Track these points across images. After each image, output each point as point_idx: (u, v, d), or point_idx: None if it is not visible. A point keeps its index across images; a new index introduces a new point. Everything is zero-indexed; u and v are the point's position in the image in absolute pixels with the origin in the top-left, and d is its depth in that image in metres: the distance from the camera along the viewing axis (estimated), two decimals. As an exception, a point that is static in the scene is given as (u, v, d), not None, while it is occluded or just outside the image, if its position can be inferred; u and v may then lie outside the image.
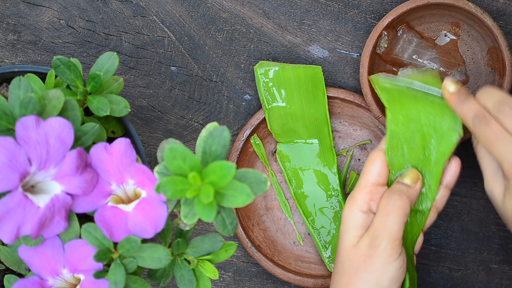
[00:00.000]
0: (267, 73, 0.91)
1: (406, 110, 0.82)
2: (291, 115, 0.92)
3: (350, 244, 0.81)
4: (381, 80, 0.84)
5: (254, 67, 0.92)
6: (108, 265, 0.68)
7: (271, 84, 0.91)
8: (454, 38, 0.92)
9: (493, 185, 0.80)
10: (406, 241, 0.83)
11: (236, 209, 0.92)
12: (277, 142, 0.93)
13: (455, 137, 0.82)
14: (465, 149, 0.94)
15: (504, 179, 0.79)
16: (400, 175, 0.83)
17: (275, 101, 0.91)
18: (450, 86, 0.81)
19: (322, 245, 0.93)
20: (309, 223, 0.93)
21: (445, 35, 0.92)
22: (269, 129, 0.92)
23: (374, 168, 0.82)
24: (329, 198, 0.93)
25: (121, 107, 0.75)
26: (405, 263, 0.80)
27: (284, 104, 0.91)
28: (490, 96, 0.78)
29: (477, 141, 0.81)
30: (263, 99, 0.91)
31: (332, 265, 0.92)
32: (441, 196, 0.84)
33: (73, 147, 0.67)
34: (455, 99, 0.80)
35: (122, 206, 0.69)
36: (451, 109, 0.81)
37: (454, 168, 0.84)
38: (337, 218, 0.93)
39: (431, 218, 0.84)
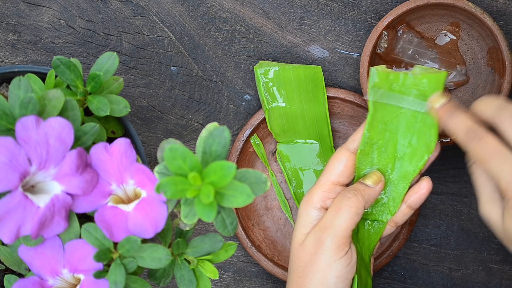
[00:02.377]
0: (267, 73, 0.91)
1: (387, 118, 0.80)
2: (291, 115, 0.92)
3: (298, 242, 0.80)
4: (376, 80, 0.81)
5: (254, 67, 0.92)
6: (108, 265, 0.68)
7: (271, 84, 0.91)
8: (454, 38, 0.92)
9: (491, 207, 0.74)
10: (362, 247, 0.82)
11: (236, 209, 0.92)
12: (277, 142, 0.93)
13: (426, 157, 0.80)
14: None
15: (501, 199, 0.73)
16: (363, 176, 0.81)
17: (275, 101, 0.91)
18: (437, 100, 0.78)
19: None
20: None
21: (445, 35, 0.92)
22: (269, 129, 0.92)
23: (337, 166, 0.80)
24: None
25: (121, 107, 0.75)
26: (354, 261, 0.78)
27: (284, 104, 0.91)
28: (489, 104, 0.74)
29: (471, 160, 0.76)
30: (263, 99, 0.91)
31: None
32: (402, 213, 0.82)
33: (73, 147, 0.67)
34: (444, 113, 0.77)
35: (122, 206, 0.69)
36: (436, 125, 0.78)
37: (422, 190, 0.81)
38: None
39: (387, 230, 0.83)
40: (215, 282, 0.95)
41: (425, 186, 0.81)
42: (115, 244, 0.68)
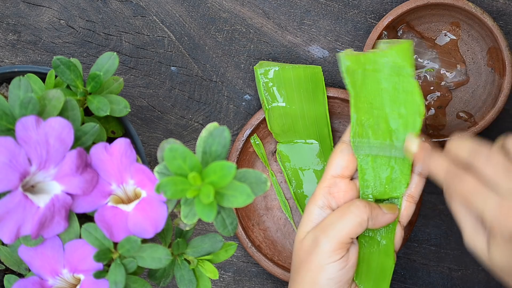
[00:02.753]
0: (267, 73, 0.91)
1: (370, 97, 0.80)
2: (291, 115, 0.92)
3: (299, 239, 0.80)
4: (347, 64, 0.80)
5: (254, 67, 0.92)
6: (108, 265, 0.68)
7: (271, 84, 0.91)
8: (454, 38, 0.92)
9: (475, 239, 0.74)
10: (378, 232, 0.82)
11: (236, 209, 0.92)
12: (277, 142, 0.93)
13: (419, 121, 0.80)
14: (465, 149, 0.94)
15: (484, 230, 0.73)
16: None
17: (275, 101, 0.91)
18: (412, 144, 0.78)
19: None
20: None
21: (445, 35, 0.92)
22: (269, 129, 0.92)
23: (336, 161, 0.80)
24: None
25: (121, 107, 0.75)
26: (352, 264, 0.78)
27: (284, 104, 0.91)
28: (462, 146, 0.73)
29: (449, 197, 0.75)
30: (263, 99, 0.91)
31: None
32: (415, 184, 0.81)
33: (73, 147, 0.67)
34: (420, 157, 0.77)
35: (122, 206, 0.69)
36: (417, 89, 0.79)
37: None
38: None
39: (407, 208, 0.82)
40: (215, 282, 0.95)
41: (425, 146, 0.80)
42: (115, 244, 0.68)
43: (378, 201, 0.81)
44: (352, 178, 0.81)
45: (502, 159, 0.71)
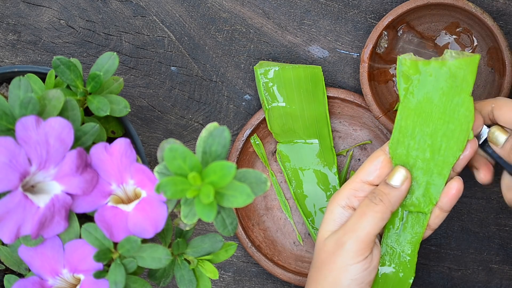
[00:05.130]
0: (267, 73, 0.91)
1: (419, 109, 0.79)
2: (291, 115, 0.92)
3: (321, 238, 0.80)
4: (403, 69, 0.79)
5: (254, 67, 0.92)
6: (108, 265, 0.68)
7: (271, 84, 0.91)
8: (454, 38, 0.92)
9: None
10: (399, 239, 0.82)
11: (236, 209, 0.92)
12: (277, 142, 0.93)
13: (464, 139, 0.79)
14: (465, 149, 0.94)
15: None
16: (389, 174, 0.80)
17: (275, 101, 0.91)
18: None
19: None
20: (309, 223, 0.93)
21: (445, 35, 0.92)
22: (269, 129, 0.92)
23: (371, 166, 0.80)
24: (329, 198, 0.93)
25: (121, 107, 0.75)
26: (375, 265, 0.78)
27: (284, 104, 0.91)
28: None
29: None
30: (263, 99, 0.91)
31: None
32: (435, 215, 0.81)
33: (73, 147, 0.67)
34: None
35: (122, 206, 0.69)
36: (471, 121, 0.78)
37: (452, 191, 0.80)
38: None
39: (438, 216, 0.81)
40: (215, 282, 0.95)
41: (455, 186, 0.80)
42: (115, 244, 0.68)
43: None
44: None
45: None
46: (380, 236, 0.83)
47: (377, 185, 0.80)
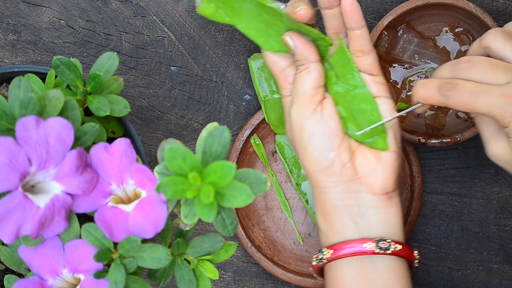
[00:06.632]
0: (261, 64, 0.91)
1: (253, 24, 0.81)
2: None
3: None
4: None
5: (248, 59, 0.92)
6: (108, 265, 0.68)
7: (266, 75, 0.91)
8: (454, 38, 0.92)
9: (496, 144, 0.75)
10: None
11: (236, 209, 0.92)
12: (276, 134, 0.93)
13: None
14: (464, 149, 0.94)
15: (505, 135, 0.74)
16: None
17: (270, 92, 0.91)
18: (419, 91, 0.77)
19: None
20: (313, 213, 0.93)
21: (445, 35, 0.92)
22: (267, 121, 0.92)
23: (277, 64, 0.82)
24: None
25: (121, 107, 0.75)
26: (329, 116, 0.79)
27: (279, 95, 0.92)
28: (442, 69, 0.75)
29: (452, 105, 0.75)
30: (258, 91, 0.91)
31: None
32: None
33: (73, 147, 0.67)
34: (416, 89, 0.76)
35: (122, 206, 0.69)
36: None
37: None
38: None
39: (358, 37, 0.80)
40: (215, 282, 0.95)
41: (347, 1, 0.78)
42: (115, 244, 0.68)
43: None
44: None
45: (483, 58, 0.72)
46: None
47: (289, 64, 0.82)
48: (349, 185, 0.79)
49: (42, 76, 0.76)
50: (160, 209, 0.67)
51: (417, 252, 0.81)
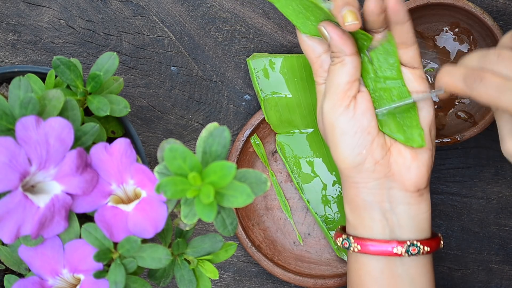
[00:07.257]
0: (260, 64, 0.91)
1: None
2: (287, 104, 0.92)
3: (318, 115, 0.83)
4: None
5: (247, 59, 0.92)
6: (108, 265, 0.68)
7: (265, 75, 0.91)
8: (454, 38, 0.92)
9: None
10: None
11: (236, 209, 0.92)
12: (276, 133, 0.93)
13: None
14: (465, 149, 0.94)
15: None
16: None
17: (269, 92, 0.91)
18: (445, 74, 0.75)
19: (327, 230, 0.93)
20: (315, 213, 0.93)
21: (445, 35, 0.92)
22: (267, 121, 0.92)
23: (313, 50, 0.80)
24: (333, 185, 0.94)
25: (121, 107, 0.75)
26: (363, 113, 0.77)
27: (279, 96, 0.92)
28: (471, 58, 0.73)
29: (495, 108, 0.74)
30: (258, 91, 0.91)
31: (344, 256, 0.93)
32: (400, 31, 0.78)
33: (73, 147, 0.67)
34: (441, 75, 0.74)
35: (122, 206, 0.69)
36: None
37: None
38: (340, 204, 0.93)
39: (401, 30, 0.78)
40: (215, 282, 0.95)
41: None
42: (115, 244, 0.68)
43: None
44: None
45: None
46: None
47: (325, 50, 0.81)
48: (381, 182, 0.79)
49: (42, 76, 0.76)
50: (160, 209, 0.68)
51: (441, 239, 0.82)
